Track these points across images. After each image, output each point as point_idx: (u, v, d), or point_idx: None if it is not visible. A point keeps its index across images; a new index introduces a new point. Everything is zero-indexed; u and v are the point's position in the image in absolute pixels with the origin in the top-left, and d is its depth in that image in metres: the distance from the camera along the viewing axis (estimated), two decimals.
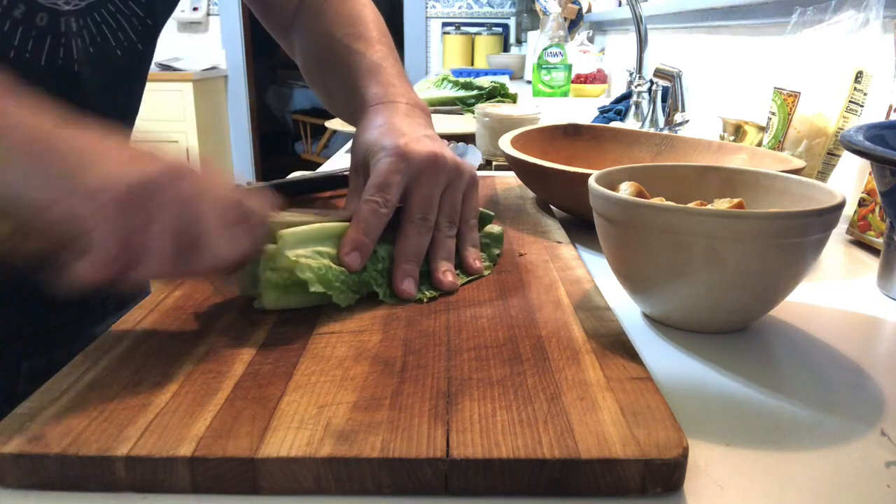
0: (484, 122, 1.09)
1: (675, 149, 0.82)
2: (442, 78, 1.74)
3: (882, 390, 0.41)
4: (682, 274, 0.44)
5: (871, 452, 0.35)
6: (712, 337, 0.47)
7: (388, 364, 0.40)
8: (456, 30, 4.16)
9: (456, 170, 0.55)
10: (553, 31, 2.30)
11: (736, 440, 0.36)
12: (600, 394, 0.36)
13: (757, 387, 0.41)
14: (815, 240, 0.43)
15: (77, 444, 0.32)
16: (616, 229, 0.47)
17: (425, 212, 0.53)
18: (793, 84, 0.80)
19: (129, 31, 0.61)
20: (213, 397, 0.36)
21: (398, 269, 0.51)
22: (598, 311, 0.47)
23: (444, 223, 0.54)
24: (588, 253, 0.64)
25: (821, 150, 0.77)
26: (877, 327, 0.51)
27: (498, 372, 0.39)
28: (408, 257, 0.52)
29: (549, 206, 0.76)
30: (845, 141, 0.44)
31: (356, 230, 0.50)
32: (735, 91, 1.27)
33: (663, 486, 0.31)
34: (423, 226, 0.53)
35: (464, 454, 0.31)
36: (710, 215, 0.42)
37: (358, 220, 0.50)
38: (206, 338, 0.43)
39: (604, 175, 0.52)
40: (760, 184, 0.53)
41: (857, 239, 0.69)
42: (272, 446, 0.32)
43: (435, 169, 0.53)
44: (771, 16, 1.10)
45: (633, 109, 1.53)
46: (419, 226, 0.52)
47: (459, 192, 0.55)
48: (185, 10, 4.12)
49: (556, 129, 0.88)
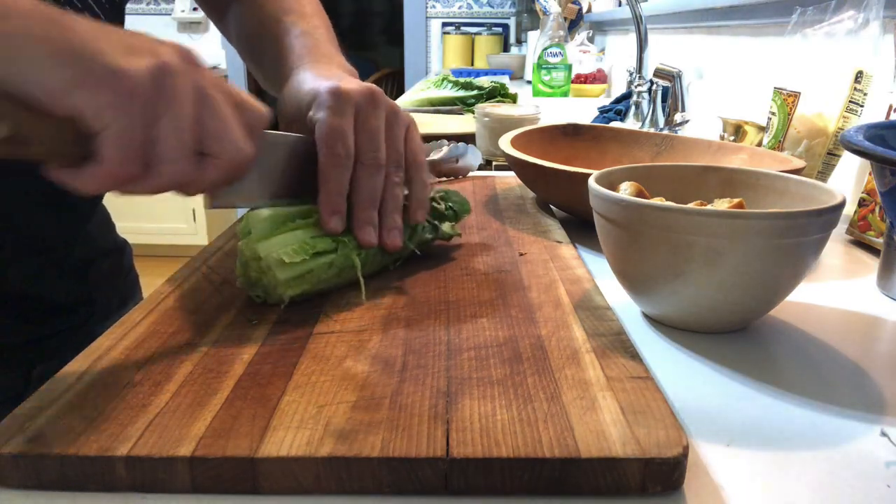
0: (484, 122, 1.09)
1: (675, 149, 0.82)
2: (442, 78, 1.74)
3: (882, 390, 0.41)
4: (682, 274, 0.44)
5: (871, 452, 0.35)
6: (712, 337, 0.47)
7: (388, 364, 0.40)
8: (456, 30, 4.16)
9: (393, 108, 0.52)
10: (553, 31, 2.30)
11: (736, 440, 0.36)
12: (600, 393, 0.36)
13: (757, 387, 0.41)
14: (815, 240, 0.43)
15: (77, 444, 0.32)
16: (616, 229, 0.47)
17: (374, 149, 0.50)
18: (793, 84, 0.80)
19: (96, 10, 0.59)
20: (213, 397, 0.36)
21: (357, 219, 0.49)
22: (598, 310, 0.47)
23: (391, 167, 0.51)
24: (588, 253, 0.64)
25: (821, 150, 0.77)
26: (877, 327, 0.51)
27: (498, 371, 0.39)
28: (364, 205, 0.50)
29: (549, 206, 0.76)
30: (845, 141, 0.44)
31: (327, 192, 0.48)
32: (735, 91, 1.27)
33: (663, 485, 0.31)
34: (375, 166, 0.50)
35: (464, 453, 0.31)
36: (710, 215, 0.42)
37: (326, 180, 0.49)
38: (206, 338, 0.43)
39: (604, 175, 0.52)
40: (760, 184, 0.53)
41: (857, 239, 0.69)
42: (272, 446, 0.32)
43: (374, 103, 0.51)
44: (771, 16, 1.10)
45: (633, 109, 1.53)
46: (370, 167, 0.50)
47: (401, 131, 0.52)
48: (185, 10, 4.12)
49: (556, 129, 0.88)
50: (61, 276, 0.64)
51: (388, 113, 0.51)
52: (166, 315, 0.47)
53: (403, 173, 0.52)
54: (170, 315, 0.47)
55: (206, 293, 0.50)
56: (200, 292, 0.51)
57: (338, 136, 0.49)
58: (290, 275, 0.46)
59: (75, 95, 0.33)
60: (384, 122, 0.51)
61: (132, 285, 0.77)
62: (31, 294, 0.62)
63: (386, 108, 0.51)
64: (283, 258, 0.45)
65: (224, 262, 0.57)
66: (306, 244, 0.47)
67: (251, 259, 0.47)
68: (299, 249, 0.46)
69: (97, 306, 0.69)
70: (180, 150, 0.36)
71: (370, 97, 0.51)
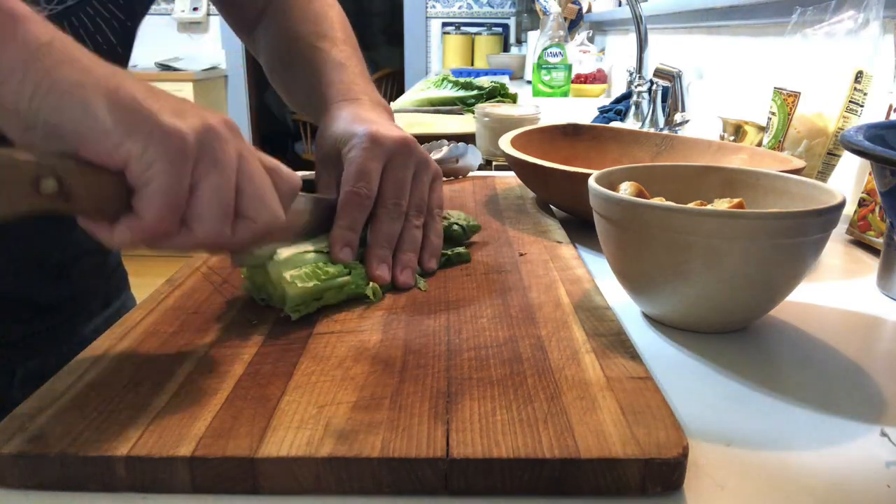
0: (484, 122, 1.09)
1: (675, 149, 0.82)
2: (442, 78, 1.74)
3: (882, 390, 0.41)
4: (682, 274, 0.44)
5: (871, 452, 0.35)
6: (712, 337, 0.47)
7: (388, 364, 0.40)
8: (456, 30, 4.16)
9: (424, 159, 0.56)
10: (553, 31, 2.30)
11: (736, 440, 0.36)
12: (600, 393, 0.36)
13: (757, 387, 0.41)
14: (815, 240, 0.43)
15: (77, 444, 0.32)
16: (616, 229, 0.47)
17: (398, 197, 0.53)
18: (793, 84, 0.80)
19: (108, 34, 0.60)
20: (213, 397, 0.36)
21: (372, 255, 0.52)
22: (598, 310, 0.47)
23: (412, 211, 0.55)
24: (588, 253, 0.64)
25: (821, 150, 0.77)
26: (877, 327, 0.51)
27: (498, 371, 0.39)
28: (381, 243, 0.52)
29: (549, 206, 0.76)
30: (845, 141, 0.44)
31: (340, 226, 0.51)
32: (735, 91, 1.27)
33: (663, 485, 0.31)
34: (396, 211, 0.53)
35: (464, 454, 0.31)
36: (710, 215, 0.42)
37: (343, 214, 0.51)
38: (206, 338, 0.43)
39: (604, 175, 0.52)
40: (760, 184, 0.53)
41: (857, 239, 0.69)
42: (272, 446, 0.32)
43: (407, 153, 0.54)
44: (771, 16, 1.10)
45: (633, 109, 1.53)
46: (392, 211, 0.53)
47: (427, 182, 0.56)
48: (186, 10, 4.12)
49: (556, 129, 0.88)
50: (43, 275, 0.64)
51: (417, 161, 0.55)
52: (166, 315, 0.47)
53: (423, 219, 0.55)
54: (170, 315, 0.47)
55: (206, 293, 0.50)
56: (200, 292, 0.51)
57: (363, 175, 0.52)
58: (300, 298, 0.46)
59: (127, 146, 0.34)
60: (413, 171, 0.55)
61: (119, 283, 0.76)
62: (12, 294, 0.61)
63: (417, 157, 0.55)
64: (296, 282, 0.45)
65: (224, 263, 0.57)
66: (318, 269, 0.47)
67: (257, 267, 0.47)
68: (311, 273, 0.47)
69: (81, 306, 0.68)
70: (218, 211, 0.37)
71: (404, 146, 0.54)
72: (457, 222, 0.60)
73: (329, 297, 0.48)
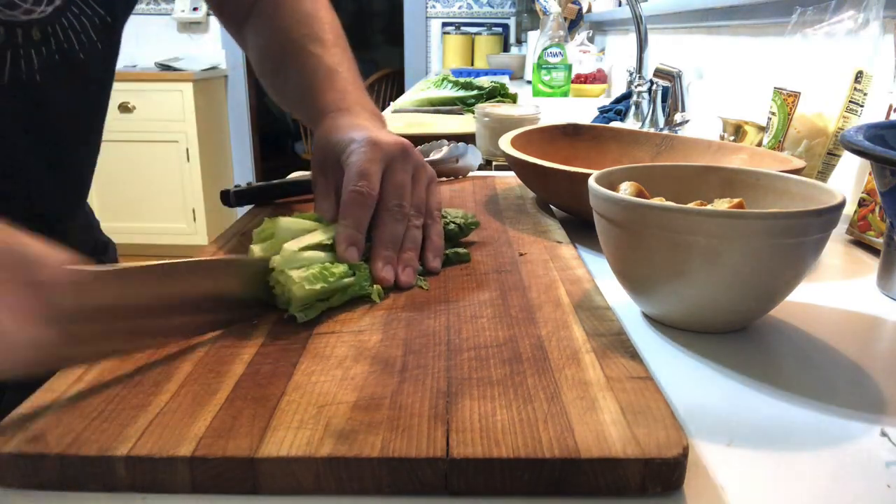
0: (484, 122, 1.09)
1: (675, 149, 0.82)
2: (442, 78, 1.74)
3: (882, 390, 0.41)
4: (682, 274, 0.44)
5: (871, 452, 0.35)
6: (712, 337, 0.47)
7: (388, 364, 0.40)
8: (456, 30, 4.16)
9: (421, 162, 0.57)
10: (553, 31, 2.30)
11: (736, 440, 0.36)
12: (600, 393, 0.36)
13: (757, 387, 0.41)
14: (815, 240, 0.43)
15: (77, 444, 0.32)
16: (616, 229, 0.46)
17: (400, 198, 0.55)
18: (793, 84, 0.80)
19: (90, 32, 0.61)
20: (213, 397, 0.36)
21: (377, 256, 0.52)
22: (598, 310, 0.47)
23: (412, 212, 0.56)
24: (588, 253, 0.64)
25: (821, 150, 0.77)
26: (877, 327, 0.51)
27: (498, 371, 0.39)
28: (385, 244, 0.53)
29: (549, 206, 0.76)
30: (845, 141, 0.44)
31: (346, 225, 0.52)
32: (735, 91, 1.27)
33: (663, 485, 0.31)
34: (399, 212, 0.54)
35: (464, 454, 0.31)
36: (710, 215, 0.42)
37: (347, 214, 0.52)
38: (206, 338, 0.43)
39: (604, 175, 0.52)
40: (760, 184, 0.53)
41: (857, 239, 0.69)
42: (272, 446, 0.32)
43: (405, 157, 0.56)
44: (771, 16, 1.10)
45: (633, 109, 1.53)
46: (395, 213, 0.54)
47: (424, 184, 0.57)
48: (185, 10, 4.12)
49: (556, 129, 0.88)
50: None
51: (415, 165, 0.57)
52: None
53: (423, 220, 0.57)
54: None
55: None
56: None
57: (364, 176, 0.53)
58: (307, 299, 0.46)
59: None
60: (411, 174, 0.56)
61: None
62: None
63: (414, 161, 0.57)
64: (304, 284, 0.45)
65: None
66: (325, 270, 0.47)
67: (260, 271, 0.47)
68: (318, 275, 0.47)
69: None
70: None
71: (402, 150, 0.56)
72: (454, 220, 0.61)
73: (335, 300, 0.48)
